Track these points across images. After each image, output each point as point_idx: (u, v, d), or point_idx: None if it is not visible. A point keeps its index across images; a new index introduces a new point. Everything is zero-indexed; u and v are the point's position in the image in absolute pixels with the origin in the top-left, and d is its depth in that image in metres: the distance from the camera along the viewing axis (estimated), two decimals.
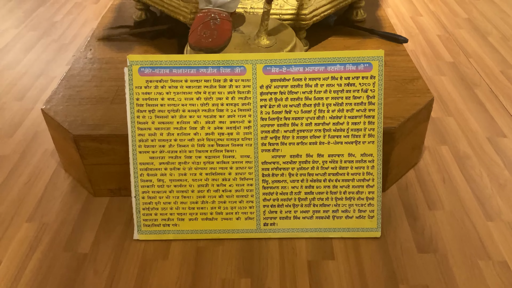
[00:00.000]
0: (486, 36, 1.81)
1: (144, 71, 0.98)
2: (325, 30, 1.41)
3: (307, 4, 1.22)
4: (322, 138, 1.00)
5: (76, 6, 2.19)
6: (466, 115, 1.39)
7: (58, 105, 1.13)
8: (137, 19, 1.49)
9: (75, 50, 1.80)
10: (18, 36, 1.92)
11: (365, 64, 0.97)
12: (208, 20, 1.02)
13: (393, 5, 2.09)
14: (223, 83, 0.98)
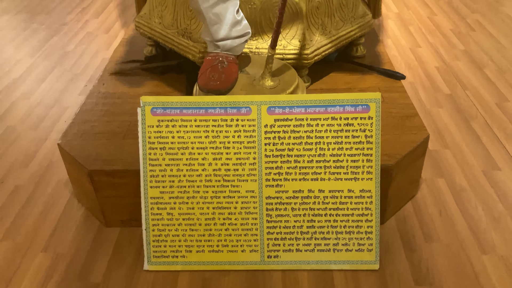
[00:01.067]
0: (483, 68, 1.88)
1: (156, 111, 1.05)
2: (327, 66, 1.47)
3: (309, 45, 1.29)
4: (323, 174, 1.05)
5: (88, 35, 2.27)
6: (463, 147, 1.44)
7: (73, 139, 1.19)
8: (147, 54, 1.56)
9: (87, 80, 1.88)
10: (33, 65, 2.01)
11: (363, 105, 1.03)
12: (216, 63, 1.09)
13: (393, 37, 2.16)
14: (230, 122, 1.05)
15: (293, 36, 1.29)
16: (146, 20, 1.47)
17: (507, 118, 1.57)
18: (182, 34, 1.35)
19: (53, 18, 2.47)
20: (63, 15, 2.50)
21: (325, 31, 1.34)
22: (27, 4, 2.66)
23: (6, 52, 2.12)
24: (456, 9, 2.43)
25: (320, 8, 1.32)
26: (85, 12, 2.54)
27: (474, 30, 2.19)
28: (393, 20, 2.33)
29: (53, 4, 2.65)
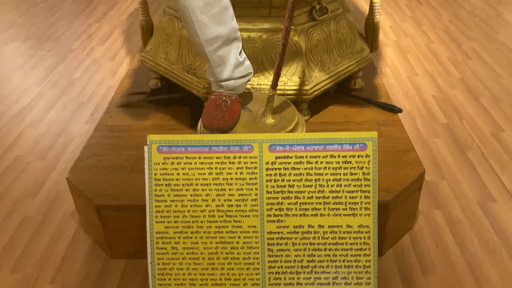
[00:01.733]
0: (478, 97, 1.92)
1: (162, 149, 1.09)
2: (326, 98, 1.52)
3: (308, 81, 1.35)
4: (323, 210, 1.09)
5: (94, 63, 2.34)
6: (459, 178, 1.48)
7: (81, 174, 1.24)
8: (153, 87, 1.62)
9: (93, 109, 1.93)
10: (40, 93, 2.06)
11: (360, 144, 1.08)
12: (220, 102, 1.14)
13: (391, 65, 2.22)
14: (232, 159, 1.09)
15: (293, 73, 1.34)
16: (152, 55, 1.52)
17: (502, 148, 1.61)
18: (187, 70, 1.40)
19: (60, 45, 2.54)
20: (69, 42, 2.57)
21: (324, 67, 1.39)
22: (34, 30, 2.73)
23: (15, 80, 2.18)
24: (452, 37, 2.49)
25: (319, 45, 1.37)
26: (91, 39, 2.60)
27: (470, 58, 2.25)
28: (391, 48, 2.39)
29: (60, 31, 2.72)
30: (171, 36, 1.44)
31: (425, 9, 2.89)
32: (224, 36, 1.11)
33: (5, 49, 2.51)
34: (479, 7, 2.86)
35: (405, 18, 2.77)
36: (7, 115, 1.91)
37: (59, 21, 2.87)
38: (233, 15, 1.12)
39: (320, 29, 1.38)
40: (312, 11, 1.36)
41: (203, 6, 1.05)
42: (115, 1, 3.20)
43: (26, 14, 2.98)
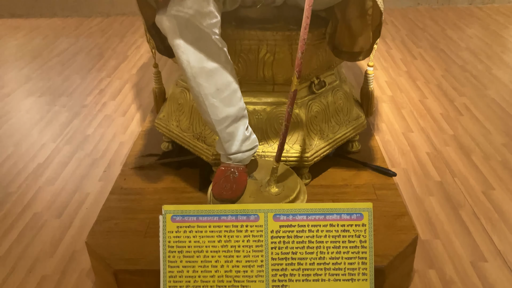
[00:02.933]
0: (470, 154, 2.04)
1: (176, 218, 1.20)
2: (325, 161, 1.63)
3: (308, 149, 1.46)
4: (323, 275, 1.18)
5: (106, 118, 2.47)
6: (452, 238, 1.57)
7: (99, 238, 1.34)
8: (164, 149, 1.74)
9: (106, 165, 2.04)
10: (56, 150, 2.18)
11: (357, 214, 1.18)
12: (228, 174, 1.25)
13: (387, 121, 2.35)
14: (240, 228, 1.19)
15: (295, 142, 1.46)
16: (165, 122, 1.65)
17: (492, 207, 1.71)
18: (197, 137, 1.52)
19: (74, 100, 2.68)
20: (83, 97, 2.72)
21: (323, 135, 1.51)
22: (50, 85, 2.89)
23: (32, 136, 2.31)
24: (445, 92, 2.63)
25: (318, 116, 1.50)
26: (103, 94, 2.75)
27: (462, 114, 2.38)
28: (387, 103, 2.53)
29: (74, 86, 2.88)
30: (183, 106, 1.57)
31: (419, 63, 3.05)
32: (233, 115, 1.23)
33: (22, 104, 2.66)
34: (469, 62, 3.02)
35: (400, 73, 2.92)
36: (25, 171, 2.03)
37: (73, 75, 3.04)
38: (241, 97, 1.25)
39: (319, 101, 1.51)
40: (311, 86, 1.49)
41: (215, 92, 1.18)
42: (125, 55, 3.38)
43: (42, 69, 3.16)
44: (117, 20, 4.24)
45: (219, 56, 1.18)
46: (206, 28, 1.13)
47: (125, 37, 3.78)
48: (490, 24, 3.76)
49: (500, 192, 1.79)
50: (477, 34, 3.54)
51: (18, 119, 2.50)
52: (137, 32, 3.88)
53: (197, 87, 1.18)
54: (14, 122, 2.47)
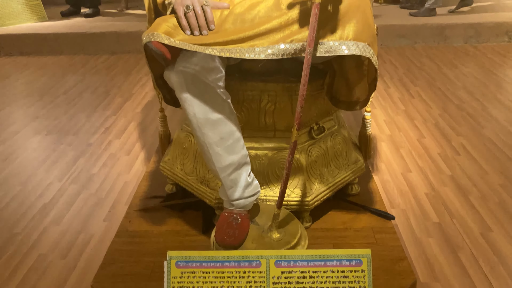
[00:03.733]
0: (468, 195, 2.08)
1: (180, 264, 1.23)
2: (326, 204, 1.68)
3: (309, 193, 1.51)
4: None
5: (111, 157, 2.53)
6: (451, 281, 1.59)
7: (105, 282, 1.37)
8: (168, 191, 1.78)
9: (110, 205, 2.08)
10: (61, 189, 2.23)
11: (356, 260, 1.21)
12: (231, 220, 1.29)
13: (386, 160, 2.40)
14: (242, 274, 1.22)
15: (295, 186, 1.51)
16: (170, 166, 1.70)
17: (491, 249, 1.73)
18: (201, 181, 1.57)
19: (80, 138, 2.75)
20: (88, 135, 2.78)
21: (323, 179, 1.56)
22: (56, 123, 2.96)
23: (39, 175, 2.36)
24: (442, 131, 2.69)
25: (318, 161, 1.55)
26: (108, 133, 2.82)
27: (459, 154, 2.43)
28: (386, 143, 2.59)
29: (79, 124, 2.95)
30: (188, 150, 1.63)
31: (417, 102, 3.13)
32: (236, 162, 1.29)
33: (30, 142, 2.72)
34: (466, 101, 3.09)
35: (399, 112, 2.99)
36: (31, 211, 2.06)
37: (79, 113, 3.12)
38: (243, 144, 1.31)
39: (318, 146, 1.56)
40: (311, 131, 1.55)
41: (219, 141, 1.24)
42: (131, 93, 3.47)
43: (49, 107, 3.24)
44: (122, 58, 4.36)
45: (223, 107, 1.24)
46: (212, 83, 1.20)
47: (130, 75, 3.89)
48: (485, 62, 3.86)
49: (498, 234, 1.82)
50: (472, 72, 3.63)
51: (25, 158, 2.55)
52: (142, 70, 3.99)
53: (202, 136, 1.24)
54: (21, 160, 2.53)
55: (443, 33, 4.42)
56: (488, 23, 4.39)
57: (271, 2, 1.19)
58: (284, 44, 1.12)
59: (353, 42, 1.12)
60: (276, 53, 1.12)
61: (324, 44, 1.12)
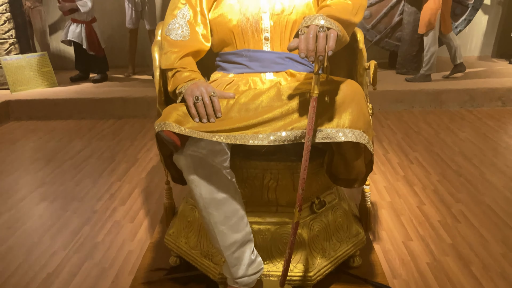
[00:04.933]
0: (469, 265, 2.09)
1: None
2: (328, 277, 1.69)
3: (311, 268, 1.53)
4: None
5: (115, 225, 2.56)
6: None
7: None
8: (172, 264, 1.80)
9: (114, 275, 2.09)
10: (65, 258, 2.24)
11: None
12: None
13: (387, 228, 2.43)
14: None
15: (298, 261, 1.54)
16: (174, 239, 1.74)
17: None
18: (205, 255, 1.60)
19: (85, 205, 2.79)
20: (93, 202, 2.83)
21: (325, 253, 1.59)
22: (62, 189, 3.02)
23: (43, 244, 2.38)
24: (441, 198, 2.74)
25: (320, 235, 1.59)
26: (113, 199, 2.87)
27: (459, 222, 2.46)
28: (386, 210, 2.63)
29: (85, 190, 3.01)
30: (192, 223, 1.67)
31: (416, 168, 3.20)
32: (240, 240, 1.33)
33: (36, 209, 2.77)
34: (463, 167, 3.16)
35: (398, 177, 3.06)
36: (35, 281, 2.07)
37: (84, 179, 3.18)
38: (247, 222, 1.36)
39: (320, 220, 1.61)
40: (312, 206, 1.60)
41: (223, 219, 1.30)
42: (136, 158, 3.56)
43: (55, 172, 3.31)
44: (128, 122, 4.50)
45: (229, 187, 1.31)
46: (218, 164, 1.27)
47: (136, 140, 4.00)
48: (480, 127, 3.98)
49: None
50: (469, 137, 3.73)
51: (30, 225, 2.59)
52: (147, 135, 4.11)
53: (208, 216, 1.29)
54: (26, 228, 2.56)
55: (439, 98, 4.59)
56: (482, 89, 4.57)
57: (273, 93, 1.30)
58: (285, 131, 1.20)
59: (349, 130, 1.20)
60: (278, 140, 1.20)
61: (322, 131, 1.20)
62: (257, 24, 1.49)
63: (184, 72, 1.40)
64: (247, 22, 1.49)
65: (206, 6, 1.54)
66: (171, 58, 1.43)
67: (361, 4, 1.35)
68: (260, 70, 1.54)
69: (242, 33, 1.52)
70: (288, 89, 1.31)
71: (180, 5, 1.51)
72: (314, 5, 1.53)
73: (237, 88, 1.46)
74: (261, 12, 1.49)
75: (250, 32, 1.51)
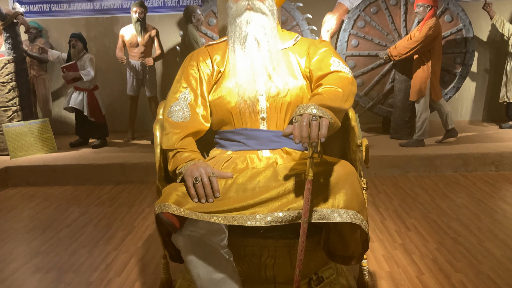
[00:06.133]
0: None
1: None
2: None
3: None
4: None
5: None
6: None
7: None
8: None
9: None
10: None
11: None
12: None
13: None
14: None
15: None
16: None
17: None
18: None
19: (80, 277, 2.75)
20: (89, 273, 2.78)
21: None
22: (57, 260, 2.98)
23: None
24: (441, 267, 2.71)
25: None
26: (109, 270, 2.83)
27: None
28: (385, 280, 2.59)
29: (80, 260, 2.97)
30: None
31: (413, 235, 3.19)
32: None
33: (29, 281, 2.72)
34: (461, 234, 3.16)
35: (396, 245, 3.04)
36: None
37: (80, 249, 3.15)
38: None
39: None
40: (310, 282, 1.60)
41: None
42: (133, 226, 3.54)
43: (51, 241, 3.28)
44: (126, 189, 4.52)
45: (227, 267, 1.32)
46: (216, 244, 1.29)
47: (133, 206, 4.00)
48: (475, 193, 4.02)
49: None
50: (465, 203, 3.76)
51: None
52: (144, 201, 4.12)
53: None
54: None
55: (433, 163, 4.66)
56: (475, 154, 4.66)
57: (270, 173, 1.35)
58: (282, 212, 1.24)
59: (344, 210, 1.24)
60: (275, 220, 1.23)
61: (318, 212, 1.24)
62: (254, 105, 1.58)
63: (184, 153, 1.45)
64: (244, 104, 1.57)
65: (207, 89, 1.63)
66: (173, 139, 1.49)
67: (351, 91, 1.44)
68: (257, 147, 1.60)
69: (240, 113, 1.60)
70: (284, 169, 1.36)
71: (181, 88, 1.60)
72: (307, 87, 1.63)
73: (235, 166, 1.51)
74: (258, 95, 1.58)
75: (247, 113, 1.59)
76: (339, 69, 1.52)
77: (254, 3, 1.57)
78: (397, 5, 5.41)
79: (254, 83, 1.59)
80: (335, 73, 1.51)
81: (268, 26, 1.59)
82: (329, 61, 1.55)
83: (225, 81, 1.64)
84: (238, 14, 1.60)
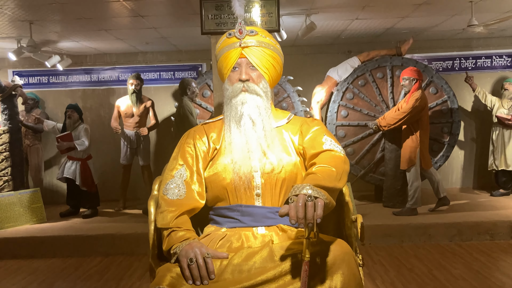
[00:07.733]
0: None
1: None
2: None
3: None
4: None
5: None
6: None
7: None
8: None
9: None
10: None
11: None
12: None
13: None
14: None
15: None
16: None
17: None
18: None
19: None
20: None
21: None
22: None
23: None
24: None
25: None
26: None
27: None
28: None
29: None
30: None
31: None
32: None
33: None
34: None
35: None
36: None
37: None
38: None
39: None
40: None
41: None
42: None
43: None
44: (115, 261, 4.39)
45: None
46: None
47: (122, 280, 3.87)
48: (472, 263, 3.96)
49: None
50: (462, 275, 3.69)
51: None
52: (134, 274, 3.98)
53: None
54: None
55: (427, 232, 4.63)
56: (469, 222, 4.64)
57: (266, 253, 1.34)
58: None
59: None
60: None
61: None
62: (249, 182, 1.60)
63: (179, 232, 1.45)
64: (240, 180, 1.59)
65: (202, 166, 1.65)
66: (168, 217, 1.49)
67: (344, 170, 1.47)
68: (252, 224, 1.59)
69: (235, 190, 1.61)
70: (280, 249, 1.35)
71: (178, 166, 1.62)
72: (301, 164, 1.66)
73: (230, 244, 1.50)
74: (253, 171, 1.61)
75: (242, 189, 1.60)
76: (331, 148, 1.57)
77: (249, 86, 1.65)
78: (383, 78, 5.65)
79: (249, 160, 1.62)
80: (328, 151, 1.55)
81: (263, 106, 1.65)
82: (321, 140, 1.60)
83: (221, 157, 1.67)
84: (234, 95, 1.66)
